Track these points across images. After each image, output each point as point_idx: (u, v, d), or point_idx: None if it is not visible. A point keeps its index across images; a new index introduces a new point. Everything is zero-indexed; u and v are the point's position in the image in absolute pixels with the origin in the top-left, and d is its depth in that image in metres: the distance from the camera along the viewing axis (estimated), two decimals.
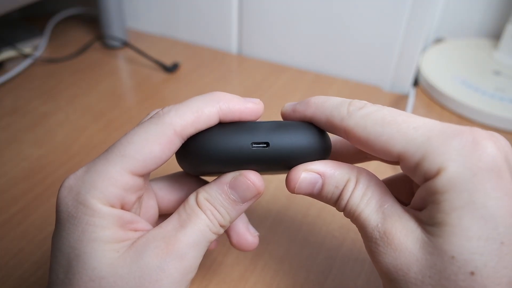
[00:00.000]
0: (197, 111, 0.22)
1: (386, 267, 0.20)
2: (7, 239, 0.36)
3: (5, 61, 0.59)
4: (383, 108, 0.22)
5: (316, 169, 0.23)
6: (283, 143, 0.23)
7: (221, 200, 0.23)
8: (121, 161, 0.21)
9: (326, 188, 0.23)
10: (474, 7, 0.62)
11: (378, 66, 0.56)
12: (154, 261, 0.21)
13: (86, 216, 0.21)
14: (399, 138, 0.21)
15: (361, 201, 0.22)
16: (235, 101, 0.23)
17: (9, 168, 0.43)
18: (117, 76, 0.59)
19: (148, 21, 0.68)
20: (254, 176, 0.23)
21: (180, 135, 0.22)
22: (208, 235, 0.23)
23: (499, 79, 0.55)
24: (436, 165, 0.19)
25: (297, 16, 0.58)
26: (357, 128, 0.22)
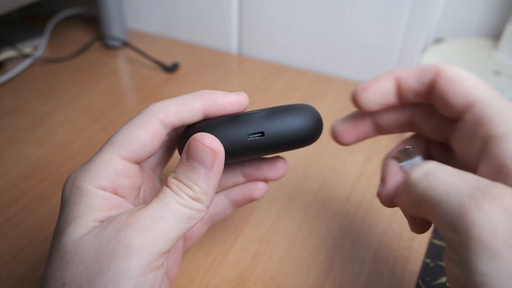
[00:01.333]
0: (181, 103, 0.24)
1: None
2: (7, 239, 0.36)
3: (5, 61, 0.59)
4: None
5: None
6: (277, 130, 0.24)
7: (184, 173, 0.23)
8: (111, 148, 0.24)
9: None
10: (474, 7, 0.62)
11: (378, 66, 0.56)
12: (111, 232, 0.21)
13: (75, 197, 0.22)
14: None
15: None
16: (218, 94, 0.25)
17: (9, 168, 0.43)
18: (117, 76, 0.59)
19: (148, 21, 0.68)
20: (207, 137, 0.22)
21: (163, 123, 0.24)
22: (177, 208, 0.22)
23: (499, 79, 0.55)
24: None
25: (297, 16, 0.58)
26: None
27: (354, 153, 0.45)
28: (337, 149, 0.46)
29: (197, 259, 0.35)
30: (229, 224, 0.37)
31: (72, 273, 0.20)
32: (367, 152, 0.46)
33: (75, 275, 0.20)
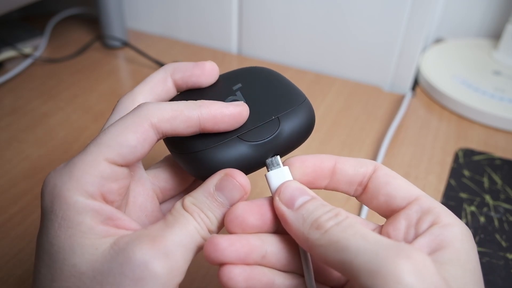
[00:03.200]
0: (177, 110, 0.22)
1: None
2: (7, 239, 0.36)
3: (5, 61, 0.59)
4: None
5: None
6: (289, 146, 0.25)
7: (208, 204, 0.22)
8: (97, 150, 0.21)
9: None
10: (474, 7, 0.62)
11: (378, 66, 0.56)
12: (137, 257, 0.19)
13: (61, 211, 0.20)
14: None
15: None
16: (217, 105, 0.23)
17: (9, 168, 0.43)
18: (117, 76, 0.59)
19: (148, 21, 0.68)
20: (240, 176, 0.23)
21: (155, 128, 0.22)
22: (197, 238, 0.21)
23: (499, 79, 0.55)
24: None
25: (297, 16, 0.58)
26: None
27: (354, 153, 0.45)
28: (337, 149, 0.46)
29: (197, 259, 0.34)
30: None
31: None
32: (367, 152, 0.46)
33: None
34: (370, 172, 0.24)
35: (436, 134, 0.49)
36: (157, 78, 0.26)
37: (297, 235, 0.22)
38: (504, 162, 0.45)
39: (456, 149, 0.47)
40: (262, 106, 0.25)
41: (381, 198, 0.24)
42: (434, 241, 0.21)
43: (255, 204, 0.24)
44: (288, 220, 0.22)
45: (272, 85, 0.27)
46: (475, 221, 0.39)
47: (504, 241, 0.37)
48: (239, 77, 0.27)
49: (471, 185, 0.42)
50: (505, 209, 0.40)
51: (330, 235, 0.20)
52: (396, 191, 0.23)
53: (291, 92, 0.26)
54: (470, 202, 0.41)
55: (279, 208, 0.23)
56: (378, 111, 0.52)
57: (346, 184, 0.25)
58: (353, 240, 0.19)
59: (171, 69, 0.26)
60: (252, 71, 0.28)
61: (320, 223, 0.21)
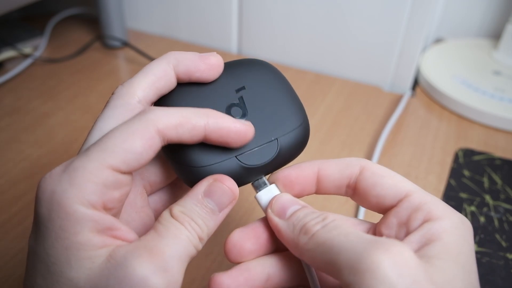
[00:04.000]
0: (185, 117, 0.22)
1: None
2: (7, 239, 0.36)
3: (5, 61, 0.59)
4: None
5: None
6: (285, 162, 0.26)
7: (197, 211, 0.22)
8: (100, 156, 0.20)
9: None
10: (474, 7, 0.62)
11: (378, 66, 0.56)
12: (137, 273, 0.19)
13: (59, 220, 0.19)
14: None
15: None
16: (225, 119, 0.23)
17: (9, 168, 0.43)
18: (117, 76, 0.59)
19: (148, 21, 0.68)
20: (229, 180, 0.23)
21: (161, 135, 0.21)
22: (190, 248, 0.21)
23: (499, 79, 0.55)
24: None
25: (297, 16, 0.58)
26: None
27: (354, 153, 0.45)
28: (337, 149, 0.46)
29: (197, 259, 0.35)
30: (230, 224, 0.37)
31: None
32: (367, 152, 0.46)
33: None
34: (357, 173, 0.24)
35: (436, 134, 0.49)
36: (159, 70, 0.24)
37: (288, 242, 0.22)
38: (504, 162, 0.45)
39: (456, 149, 0.47)
40: (262, 121, 0.25)
41: (372, 200, 0.24)
42: (424, 236, 0.21)
43: (250, 228, 0.24)
44: (281, 229, 0.23)
45: (276, 94, 0.26)
46: (475, 221, 0.39)
47: (504, 241, 0.37)
48: (244, 75, 0.26)
49: (471, 185, 0.42)
50: (505, 209, 0.40)
51: (316, 238, 0.21)
52: (385, 191, 0.23)
53: (292, 108, 0.26)
54: (470, 202, 0.41)
55: (272, 220, 0.23)
56: (378, 111, 0.52)
57: (334, 187, 0.25)
58: (336, 239, 0.20)
59: (173, 60, 0.24)
60: (258, 69, 0.27)
61: (307, 228, 0.21)
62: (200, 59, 0.25)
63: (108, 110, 0.23)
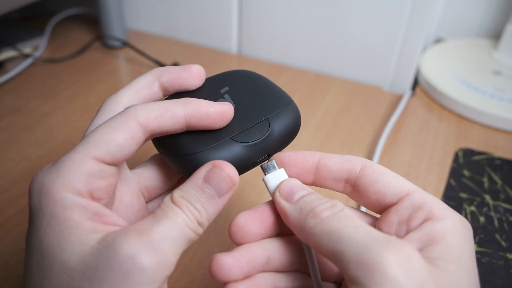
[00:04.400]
0: (163, 108, 0.23)
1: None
2: (7, 239, 0.36)
3: (5, 61, 0.59)
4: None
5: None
6: (279, 144, 0.26)
7: (196, 196, 0.22)
8: (85, 148, 0.22)
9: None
10: (474, 7, 0.62)
11: (378, 66, 0.56)
12: (124, 251, 0.19)
13: (49, 208, 0.20)
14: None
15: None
16: (202, 102, 0.24)
17: (9, 168, 0.43)
18: (117, 76, 0.59)
19: (148, 21, 0.68)
20: (228, 167, 0.23)
21: (143, 127, 0.22)
22: (186, 231, 0.21)
23: (499, 79, 0.55)
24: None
25: (297, 16, 0.58)
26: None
27: (354, 153, 0.45)
28: (337, 149, 0.46)
29: (197, 259, 0.35)
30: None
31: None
32: (368, 152, 0.46)
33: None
34: (356, 170, 0.24)
35: (436, 134, 0.49)
36: (143, 81, 0.26)
37: (294, 225, 0.23)
38: (504, 162, 0.45)
39: (456, 149, 0.47)
40: (250, 108, 0.26)
41: (372, 196, 0.24)
42: (426, 236, 0.21)
43: (256, 212, 0.24)
44: (287, 212, 0.23)
45: (259, 88, 0.28)
46: (475, 221, 0.39)
47: (504, 241, 0.37)
48: (226, 80, 0.28)
49: (471, 185, 0.42)
50: (505, 209, 0.40)
51: (325, 224, 0.21)
52: (386, 188, 0.23)
53: (277, 94, 0.27)
54: (470, 202, 0.41)
55: (279, 203, 0.24)
56: (378, 111, 0.52)
57: (332, 180, 0.25)
58: (346, 230, 0.20)
59: (157, 72, 0.26)
60: (238, 74, 0.29)
61: (316, 212, 0.22)
62: (181, 68, 0.26)
63: (96, 117, 0.25)
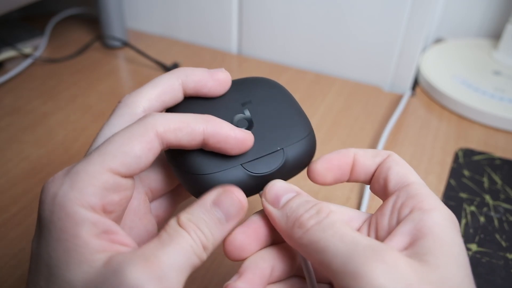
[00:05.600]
0: (184, 122, 0.22)
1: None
2: (7, 239, 0.36)
3: (5, 61, 0.59)
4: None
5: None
6: (290, 177, 0.26)
7: (204, 219, 0.22)
8: (101, 160, 0.21)
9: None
10: (474, 7, 0.62)
11: (378, 66, 0.56)
12: (130, 280, 0.18)
13: (59, 222, 0.20)
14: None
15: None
16: (224, 125, 0.23)
17: (9, 168, 0.43)
18: (117, 76, 0.59)
19: (148, 21, 0.68)
20: (239, 192, 0.23)
21: (160, 138, 0.22)
22: (192, 258, 0.21)
23: (499, 79, 0.55)
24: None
25: (297, 16, 0.58)
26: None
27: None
28: (337, 149, 0.46)
29: None
30: None
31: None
32: None
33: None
34: (382, 161, 0.25)
35: (436, 134, 0.49)
36: (167, 84, 0.25)
37: (283, 233, 0.23)
38: (504, 162, 0.45)
39: (456, 149, 0.47)
40: (268, 132, 0.25)
41: (381, 182, 0.24)
42: (415, 229, 0.21)
43: (250, 228, 0.24)
44: (275, 219, 0.23)
45: (281, 108, 0.27)
46: (475, 221, 0.39)
47: (504, 241, 0.37)
48: (250, 90, 0.27)
49: (471, 185, 0.42)
50: (505, 209, 0.40)
51: (310, 234, 0.21)
52: (393, 176, 0.24)
53: (298, 120, 0.26)
54: (470, 202, 0.41)
55: (266, 208, 0.24)
56: (378, 111, 0.52)
57: (364, 175, 0.25)
58: (331, 241, 0.20)
59: (183, 76, 0.25)
60: (264, 85, 0.27)
61: (301, 222, 0.21)
62: (209, 75, 0.25)
63: (113, 118, 0.24)
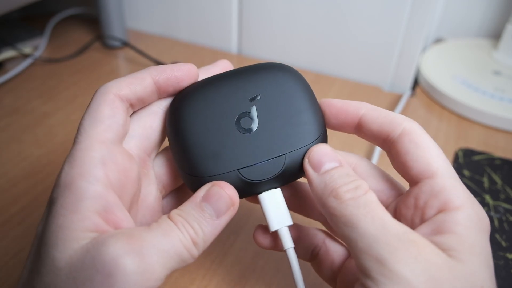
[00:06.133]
0: (131, 76, 0.24)
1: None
2: (7, 239, 0.36)
3: (5, 61, 0.59)
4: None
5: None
6: (296, 177, 0.26)
7: (193, 214, 0.22)
8: (88, 136, 0.23)
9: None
10: (474, 7, 0.62)
11: (378, 66, 0.56)
12: (109, 253, 0.19)
13: (63, 198, 0.20)
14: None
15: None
16: (165, 65, 0.25)
17: (9, 168, 0.43)
18: (117, 76, 0.59)
19: (148, 21, 0.68)
20: (228, 187, 0.23)
21: (118, 96, 0.24)
22: (179, 247, 0.21)
23: (499, 79, 0.55)
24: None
25: (297, 16, 0.58)
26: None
27: (355, 151, 0.45)
28: (337, 149, 0.46)
29: (197, 259, 0.34)
30: (229, 224, 0.37)
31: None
32: (368, 151, 0.46)
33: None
34: (395, 134, 0.23)
35: (436, 134, 0.49)
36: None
37: (317, 198, 0.23)
38: (504, 162, 0.45)
39: (456, 149, 0.47)
40: (273, 134, 0.24)
41: (399, 166, 0.23)
42: (436, 229, 0.21)
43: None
44: (313, 182, 0.23)
45: (293, 103, 0.25)
46: None
47: (504, 241, 0.37)
48: (261, 82, 0.25)
49: (471, 185, 0.42)
50: (505, 209, 0.40)
51: (344, 207, 0.21)
52: (413, 163, 0.22)
53: (308, 122, 0.25)
54: None
55: (307, 170, 0.24)
56: None
57: (372, 137, 0.25)
58: (363, 220, 0.20)
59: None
60: (277, 76, 0.25)
61: (338, 193, 0.21)
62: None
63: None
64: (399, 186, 0.25)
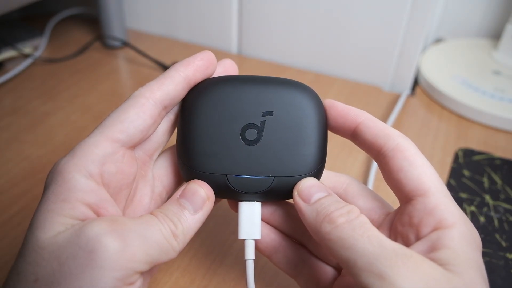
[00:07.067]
0: (161, 78, 0.25)
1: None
2: (7, 239, 0.36)
3: (5, 61, 0.59)
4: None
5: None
6: (280, 199, 0.27)
7: (172, 209, 0.23)
8: (100, 131, 0.23)
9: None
10: (474, 7, 0.62)
11: (378, 66, 0.56)
12: (93, 231, 0.20)
13: (55, 185, 0.21)
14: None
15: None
16: (189, 58, 0.26)
17: (9, 168, 0.43)
18: (117, 76, 0.59)
19: (148, 21, 0.68)
20: (205, 185, 0.24)
21: (151, 99, 0.24)
22: (159, 237, 0.22)
23: (499, 79, 0.55)
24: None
25: (297, 16, 0.58)
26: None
27: (354, 153, 0.45)
28: (337, 149, 0.46)
29: (197, 259, 0.35)
30: (229, 224, 0.37)
31: (46, 270, 0.20)
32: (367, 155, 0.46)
33: (49, 272, 0.20)
34: (388, 149, 0.24)
35: (436, 134, 0.49)
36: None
37: (310, 227, 0.23)
38: (504, 162, 0.45)
39: (456, 149, 0.47)
40: (272, 153, 0.25)
41: (393, 182, 0.24)
42: (433, 246, 0.21)
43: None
44: (305, 213, 0.23)
45: (302, 129, 0.25)
46: (475, 221, 0.39)
47: (504, 241, 0.37)
48: (279, 98, 0.25)
49: (471, 185, 0.42)
50: (505, 209, 0.40)
51: (339, 231, 0.21)
52: (406, 181, 0.23)
53: (312, 150, 0.25)
54: (470, 202, 0.41)
55: (297, 203, 0.24)
56: (378, 111, 0.52)
57: (366, 147, 0.26)
58: (360, 240, 0.20)
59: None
60: (296, 97, 0.25)
61: (332, 218, 0.22)
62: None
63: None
64: (387, 205, 0.26)
